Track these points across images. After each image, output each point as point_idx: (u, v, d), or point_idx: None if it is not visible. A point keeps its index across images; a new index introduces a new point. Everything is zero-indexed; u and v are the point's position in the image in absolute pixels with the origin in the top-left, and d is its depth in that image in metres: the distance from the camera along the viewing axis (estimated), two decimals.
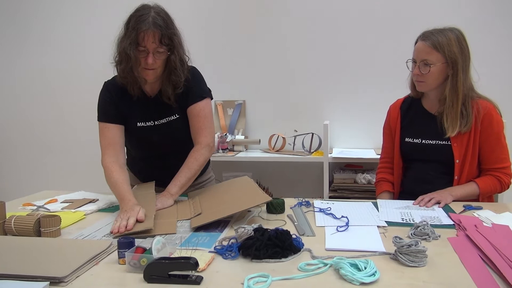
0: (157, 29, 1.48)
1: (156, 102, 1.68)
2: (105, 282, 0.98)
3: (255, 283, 0.95)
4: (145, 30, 1.47)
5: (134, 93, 1.64)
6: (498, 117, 1.68)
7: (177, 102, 1.68)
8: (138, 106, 1.67)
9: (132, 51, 1.50)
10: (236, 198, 1.51)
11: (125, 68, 1.56)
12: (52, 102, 3.28)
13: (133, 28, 1.49)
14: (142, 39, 1.48)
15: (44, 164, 3.36)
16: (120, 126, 1.67)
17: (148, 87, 1.68)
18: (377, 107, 2.29)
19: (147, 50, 1.51)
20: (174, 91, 1.63)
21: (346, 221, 1.36)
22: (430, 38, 1.65)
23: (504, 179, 1.67)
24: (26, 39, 3.26)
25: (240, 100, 2.98)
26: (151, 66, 1.53)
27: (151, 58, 1.51)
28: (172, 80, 1.61)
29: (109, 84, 1.70)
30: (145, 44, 1.49)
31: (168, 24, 1.53)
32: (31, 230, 1.27)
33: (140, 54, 1.52)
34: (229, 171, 2.97)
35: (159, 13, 1.53)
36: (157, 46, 1.51)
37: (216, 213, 1.40)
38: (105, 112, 1.67)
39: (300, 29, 2.87)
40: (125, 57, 1.52)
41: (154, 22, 1.48)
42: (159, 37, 1.49)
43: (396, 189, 1.86)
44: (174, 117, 1.70)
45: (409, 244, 1.04)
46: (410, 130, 1.81)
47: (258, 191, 1.48)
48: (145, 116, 1.68)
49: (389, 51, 2.73)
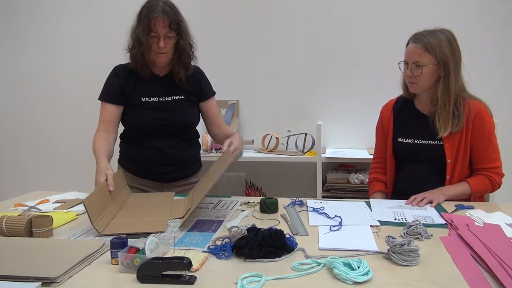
0: (166, 16, 1.67)
1: (164, 81, 1.83)
2: (97, 283, 0.98)
3: (248, 282, 0.95)
4: (156, 17, 1.66)
5: (146, 75, 1.79)
6: (489, 117, 1.70)
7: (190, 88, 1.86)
8: (144, 84, 1.81)
9: (144, 37, 1.68)
10: (212, 176, 1.54)
11: (138, 53, 1.73)
12: (44, 102, 3.24)
13: (145, 16, 1.68)
14: (154, 25, 1.66)
15: (36, 164, 3.33)
16: (118, 106, 1.82)
17: (157, 69, 1.83)
18: (370, 107, 2.30)
19: (158, 35, 1.68)
20: (185, 72, 1.81)
21: (339, 220, 1.36)
22: (421, 40, 1.66)
23: (495, 178, 1.69)
24: (22, 38, 3.22)
25: (234, 100, 2.98)
26: (163, 50, 1.71)
27: (162, 42, 1.69)
28: (183, 62, 1.79)
29: (119, 68, 1.86)
30: (156, 30, 1.67)
31: (175, 12, 1.72)
32: (23, 230, 1.26)
33: (152, 39, 1.69)
34: None
35: (167, 2, 1.71)
36: (167, 31, 1.69)
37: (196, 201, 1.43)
38: (107, 93, 1.82)
39: (293, 29, 2.87)
40: (138, 42, 1.71)
41: (163, 10, 1.67)
42: (168, 23, 1.68)
43: (388, 189, 1.87)
44: (180, 97, 1.84)
45: (402, 244, 1.05)
46: (403, 130, 1.82)
47: (227, 159, 1.52)
48: (151, 92, 1.81)
49: (381, 52, 2.75)
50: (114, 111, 1.81)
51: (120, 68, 1.84)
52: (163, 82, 1.83)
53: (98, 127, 1.81)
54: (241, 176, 2.96)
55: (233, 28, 2.93)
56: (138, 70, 1.78)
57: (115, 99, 1.81)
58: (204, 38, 2.95)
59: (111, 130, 1.81)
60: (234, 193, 2.59)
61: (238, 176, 2.97)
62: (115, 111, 1.81)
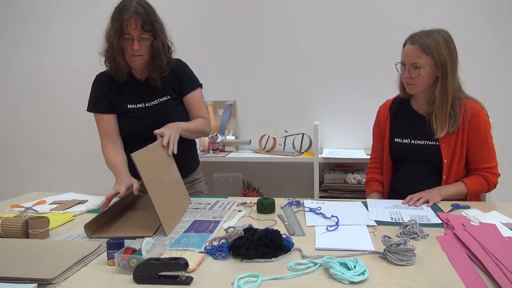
0: (139, 17, 1.60)
1: (146, 85, 1.78)
2: (94, 284, 0.98)
3: (245, 283, 0.95)
4: (128, 19, 1.60)
5: (121, 78, 1.74)
6: (485, 118, 1.70)
7: (170, 87, 1.80)
8: (128, 90, 1.78)
9: (116, 40, 1.62)
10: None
11: (110, 56, 1.69)
12: (40, 104, 3.24)
13: (117, 18, 1.62)
14: (126, 27, 1.60)
15: (33, 165, 3.32)
16: (113, 115, 1.79)
17: (137, 72, 1.79)
18: (366, 108, 2.30)
19: (131, 37, 1.63)
20: (160, 74, 1.74)
21: (336, 220, 1.36)
22: (418, 42, 1.66)
23: (491, 178, 1.70)
24: (15, 39, 3.22)
25: (231, 101, 2.98)
26: (137, 52, 1.65)
27: (136, 45, 1.63)
28: (157, 63, 1.72)
29: (101, 75, 1.81)
30: (129, 32, 1.61)
31: (149, 12, 1.65)
32: (19, 231, 1.25)
33: (126, 42, 1.64)
34: (219, 172, 2.97)
35: (140, 2, 1.64)
36: (140, 33, 1.63)
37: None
38: (96, 104, 1.79)
39: (290, 30, 2.87)
40: (110, 45, 1.66)
41: (135, 10, 1.60)
42: (141, 24, 1.61)
43: (385, 188, 1.87)
44: (166, 98, 1.79)
45: (398, 243, 1.05)
46: (399, 131, 1.82)
47: None
48: (136, 98, 1.78)
49: (378, 52, 2.75)
50: (111, 121, 1.77)
51: (103, 76, 1.80)
52: (145, 86, 1.78)
53: (102, 142, 1.77)
54: (239, 177, 2.97)
55: (230, 29, 2.93)
56: (114, 75, 1.74)
57: (107, 109, 1.77)
58: (202, 39, 2.97)
59: (116, 140, 1.77)
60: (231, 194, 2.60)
61: (235, 176, 2.97)
62: (112, 120, 1.77)
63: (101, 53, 1.72)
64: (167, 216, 1.35)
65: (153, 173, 1.41)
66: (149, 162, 1.40)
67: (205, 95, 1.88)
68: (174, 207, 1.46)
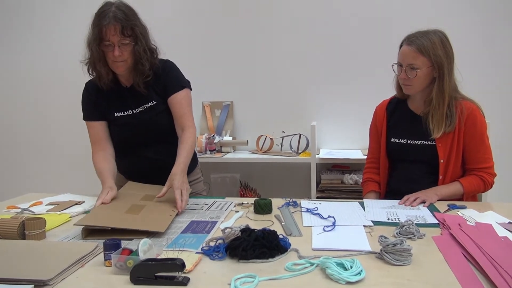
0: (118, 22, 1.57)
1: (132, 92, 1.75)
2: (91, 285, 0.97)
3: (242, 283, 0.95)
4: (106, 25, 1.56)
5: (105, 86, 1.72)
6: (481, 118, 1.71)
7: (154, 92, 1.76)
8: (115, 97, 1.75)
9: (95, 47, 1.60)
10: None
11: (90, 63, 1.66)
12: (36, 104, 3.23)
13: (96, 25, 1.59)
14: (105, 33, 1.57)
15: (29, 166, 3.31)
16: (102, 122, 1.77)
17: (123, 78, 1.76)
18: (363, 108, 2.31)
19: (112, 43, 1.59)
20: (143, 80, 1.70)
21: (333, 221, 1.37)
22: (415, 43, 1.66)
23: (488, 178, 1.70)
24: (7, 38, 3.21)
25: (228, 101, 2.98)
26: (119, 58, 1.62)
27: (117, 51, 1.60)
28: (139, 69, 1.68)
29: (89, 83, 1.79)
30: (108, 38, 1.58)
31: (128, 16, 1.61)
32: (15, 233, 1.25)
33: (107, 48, 1.61)
34: (217, 172, 2.97)
35: (119, 7, 1.61)
36: (120, 38, 1.59)
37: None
38: (87, 111, 1.78)
39: (287, 30, 2.87)
40: (91, 53, 1.63)
41: (114, 16, 1.57)
42: (120, 30, 1.58)
43: (382, 189, 1.87)
44: (152, 103, 1.76)
45: (395, 243, 1.05)
46: (396, 131, 1.83)
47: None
48: (122, 106, 1.76)
49: (375, 53, 2.76)
50: (100, 128, 1.76)
51: (90, 84, 1.78)
52: (131, 93, 1.75)
53: (92, 149, 1.76)
54: (236, 177, 2.96)
55: (227, 30, 2.93)
56: (98, 83, 1.71)
57: (95, 117, 1.76)
58: (199, 40, 2.97)
59: (106, 146, 1.76)
60: (228, 194, 2.60)
61: (232, 177, 2.97)
62: (100, 127, 1.76)
63: (83, 61, 1.69)
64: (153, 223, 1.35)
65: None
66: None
67: (202, 95, 1.85)
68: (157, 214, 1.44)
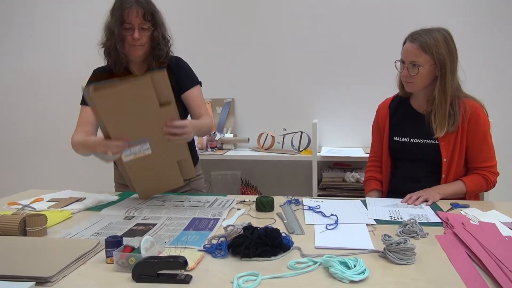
0: (140, 6, 1.62)
1: None
2: (92, 282, 0.97)
3: (244, 281, 0.94)
4: (129, 7, 1.60)
5: (120, 72, 1.71)
6: (484, 117, 1.70)
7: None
8: None
9: (117, 28, 1.62)
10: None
11: (110, 46, 1.66)
12: (37, 101, 3.23)
13: (117, 8, 1.62)
14: (127, 15, 1.61)
15: (30, 163, 3.31)
16: None
17: (135, 67, 1.76)
18: (366, 106, 2.30)
19: (133, 26, 1.62)
20: (159, 66, 1.71)
21: (335, 219, 1.36)
22: (418, 40, 1.65)
23: (491, 177, 1.70)
24: (8, 37, 3.20)
25: (229, 99, 2.97)
26: (138, 42, 1.64)
27: (137, 33, 1.62)
28: (156, 54, 1.71)
29: (97, 70, 1.80)
30: (130, 21, 1.61)
31: (149, 2, 1.66)
32: (17, 229, 1.25)
33: (126, 32, 1.63)
34: (218, 170, 2.96)
35: None
36: (141, 22, 1.63)
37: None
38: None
39: (289, 28, 2.87)
40: (110, 34, 1.64)
41: (136, 0, 1.62)
42: (142, 13, 1.62)
43: (384, 187, 1.87)
44: None
45: (398, 242, 1.05)
46: (399, 129, 1.82)
47: None
48: None
49: (378, 50, 2.75)
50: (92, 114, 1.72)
51: (99, 71, 1.78)
52: None
53: (75, 131, 1.70)
54: (237, 175, 2.96)
55: (229, 27, 2.93)
56: (112, 66, 1.70)
57: None
58: (201, 37, 2.96)
59: (88, 130, 1.70)
60: (229, 192, 2.60)
61: (233, 174, 2.96)
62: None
63: (99, 44, 1.69)
64: (143, 177, 1.28)
65: (122, 119, 1.33)
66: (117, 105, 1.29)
67: (204, 92, 1.85)
68: (156, 165, 1.38)
